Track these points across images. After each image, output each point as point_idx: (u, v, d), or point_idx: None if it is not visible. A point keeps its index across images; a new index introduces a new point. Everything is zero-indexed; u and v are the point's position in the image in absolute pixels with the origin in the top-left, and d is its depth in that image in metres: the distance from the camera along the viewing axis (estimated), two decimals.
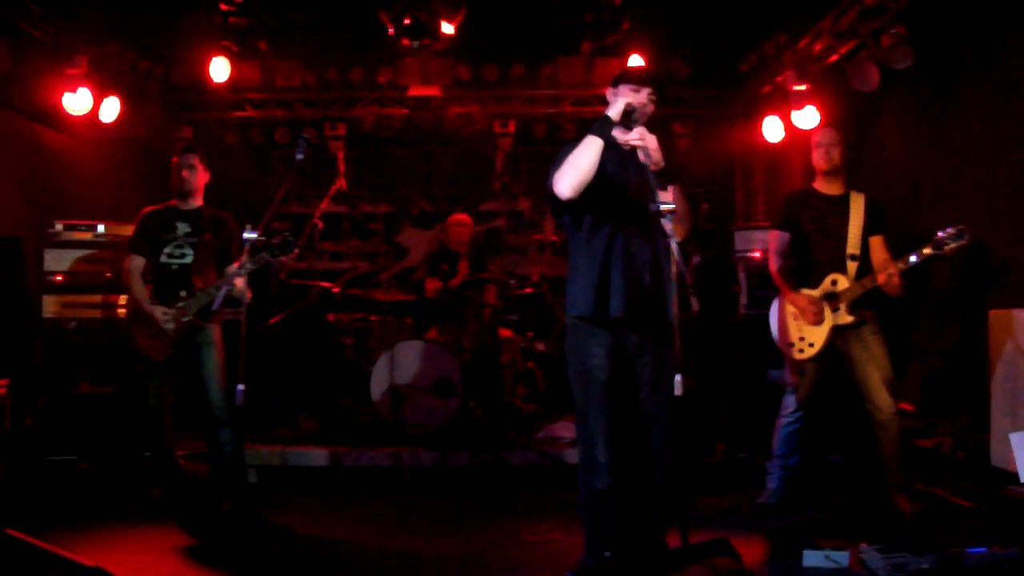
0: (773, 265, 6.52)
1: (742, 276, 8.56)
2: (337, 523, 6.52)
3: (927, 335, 7.65)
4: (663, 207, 4.49)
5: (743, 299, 8.50)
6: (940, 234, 5.75)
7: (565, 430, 8.11)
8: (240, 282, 6.07)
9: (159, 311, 6.42)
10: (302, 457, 7.83)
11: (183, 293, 6.49)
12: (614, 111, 4.87)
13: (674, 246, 4.52)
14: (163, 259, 6.61)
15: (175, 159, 6.81)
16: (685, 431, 6.01)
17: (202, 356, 6.55)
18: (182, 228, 6.66)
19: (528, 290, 9.30)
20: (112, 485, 7.27)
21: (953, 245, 5.72)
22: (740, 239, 8.78)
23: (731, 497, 6.88)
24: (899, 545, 5.07)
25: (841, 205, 6.33)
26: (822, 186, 6.45)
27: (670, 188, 4.73)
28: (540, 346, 9.34)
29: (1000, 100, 6.81)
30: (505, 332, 9.04)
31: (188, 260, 6.60)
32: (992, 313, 6.44)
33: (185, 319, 6.44)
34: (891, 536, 5.57)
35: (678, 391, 4.50)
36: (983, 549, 5.04)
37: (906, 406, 7.37)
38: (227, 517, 6.29)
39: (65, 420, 7.64)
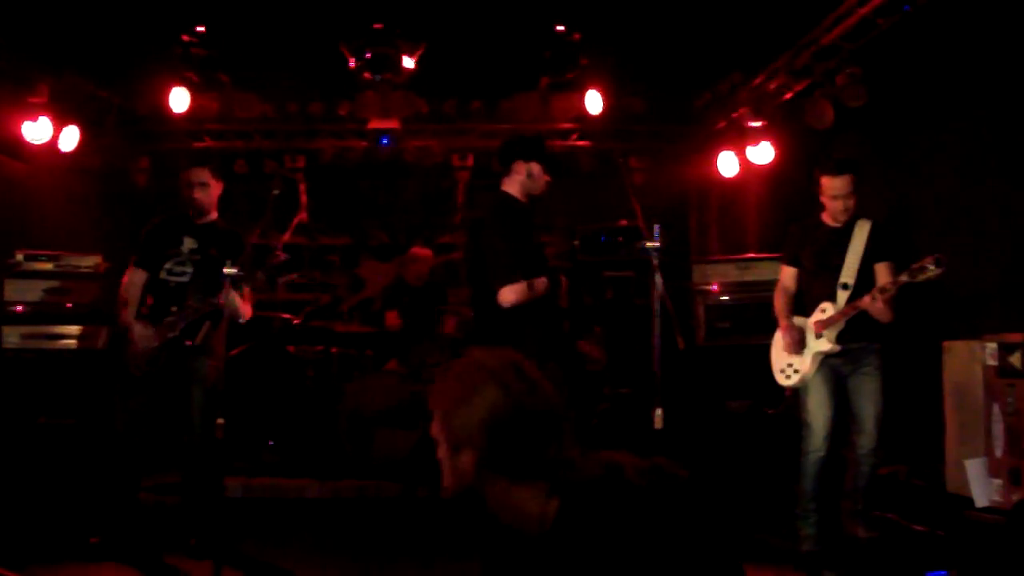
0: (775, 296, 6.55)
1: (700, 309, 8.66)
2: (303, 556, 6.51)
3: (883, 364, 7.77)
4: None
5: (701, 332, 8.61)
6: (914, 264, 5.68)
7: None
8: (236, 300, 6.07)
9: (137, 325, 6.22)
10: (265, 490, 7.83)
11: (173, 308, 6.23)
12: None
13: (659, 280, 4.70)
14: (163, 275, 6.37)
15: (184, 175, 6.56)
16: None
17: (192, 392, 6.26)
18: (188, 243, 6.39)
19: None
20: (72, 519, 7.06)
21: (929, 274, 5.64)
22: (698, 272, 8.89)
23: None
24: (861, 573, 5.16)
25: (842, 236, 6.24)
26: (827, 218, 6.34)
27: None
28: None
29: (953, 139, 6.99)
30: None
31: (186, 279, 6.33)
32: (945, 344, 6.58)
33: (171, 334, 6.15)
34: (852, 564, 5.68)
35: (658, 424, 4.61)
36: (942, 573, 5.16)
37: None
38: (193, 551, 6.09)
39: (24, 452, 7.56)
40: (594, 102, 9.45)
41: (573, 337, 9.13)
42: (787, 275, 6.52)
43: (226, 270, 5.55)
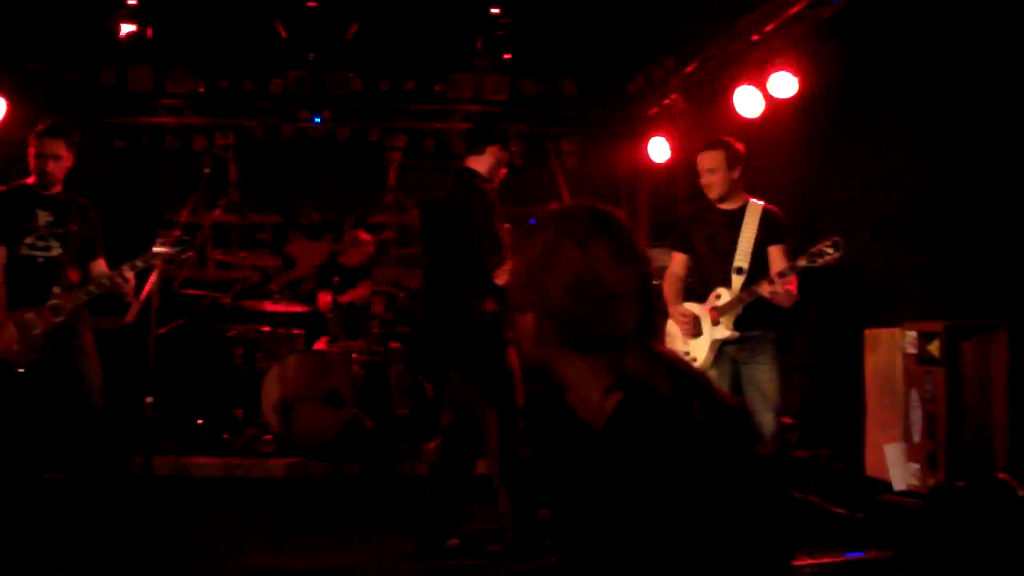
0: (664, 283, 6.47)
1: None
2: (230, 535, 6.51)
3: (807, 351, 7.93)
4: None
5: None
6: (813, 248, 5.74)
7: None
8: (131, 279, 5.83)
9: (26, 315, 5.74)
10: (195, 468, 7.82)
11: (57, 290, 5.84)
12: None
13: None
14: (24, 251, 5.89)
15: (33, 141, 6.01)
16: None
17: (78, 367, 5.94)
18: (43, 217, 5.95)
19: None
20: None
21: (826, 258, 5.70)
22: None
23: None
24: None
25: (735, 219, 6.19)
26: (720, 201, 6.29)
27: None
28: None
29: (881, 131, 7.14)
30: (394, 344, 9.10)
31: (56, 252, 5.93)
32: (867, 332, 6.73)
33: (58, 318, 5.79)
34: None
35: None
36: (860, 553, 5.29)
37: (785, 419, 7.63)
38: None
39: None
40: (526, 85, 9.51)
41: None
42: (676, 261, 6.49)
43: (155, 248, 5.38)
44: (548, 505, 5.42)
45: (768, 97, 7.73)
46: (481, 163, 5.99)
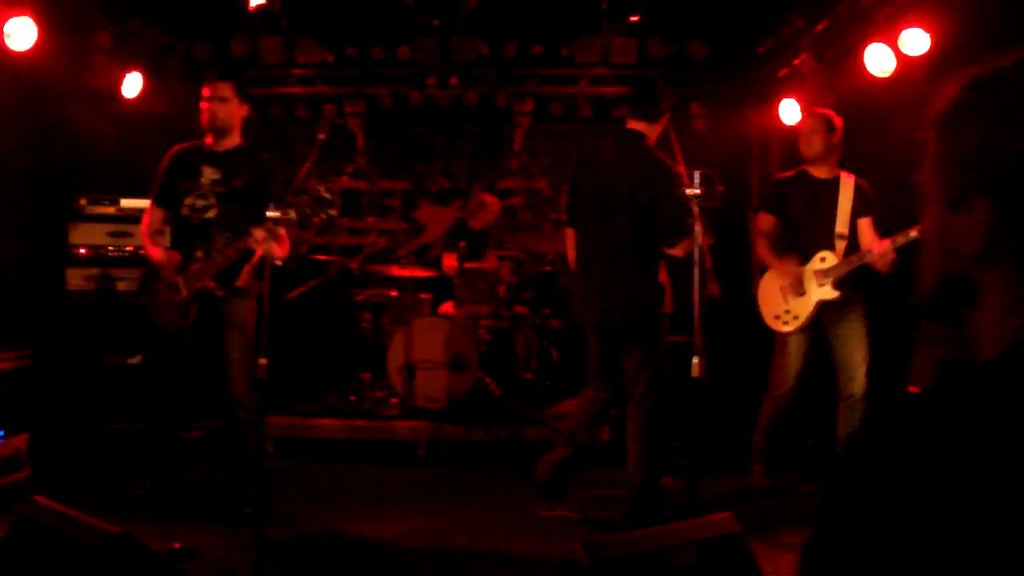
0: (757, 243, 6.77)
1: (757, 258, 8.63)
2: (355, 497, 6.64)
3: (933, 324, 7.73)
4: None
5: (758, 280, 8.57)
6: None
7: None
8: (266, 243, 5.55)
9: (171, 277, 5.80)
10: (320, 430, 7.98)
11: (200, 254, 5.82)
12: None
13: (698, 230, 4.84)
14: (184, 212, 5.93)
15: (205, 89, 6.04)
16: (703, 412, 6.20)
17: (227, 337, 5.92)
18: (209, 174, 5.93)
19: (544, 268, 9.43)
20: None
21: None
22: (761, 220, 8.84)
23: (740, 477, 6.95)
24: None
25: (831, 187, 6.50)
26: (812, 170, 6.63)
27: None
28: (555, 323, 9.41)
29: None
30: (520, 309, 9.13)
31: (211, 214, 5.89)
32: None
33: (199, 284, 5.78)
34: None
35: (695, 373, 4.69)
36: None
37: (915, 390, 7.46)
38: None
39: (91, 391, 7.77)
40: (655, 47, 9.42)
41: None
42: (768, 222, 6.73)
43: (269, 213, 5.12)
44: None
45: (900, 55, 7.52)
46: (652, 130, 5.99)
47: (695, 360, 4.76)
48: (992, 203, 1.37)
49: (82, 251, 8.22)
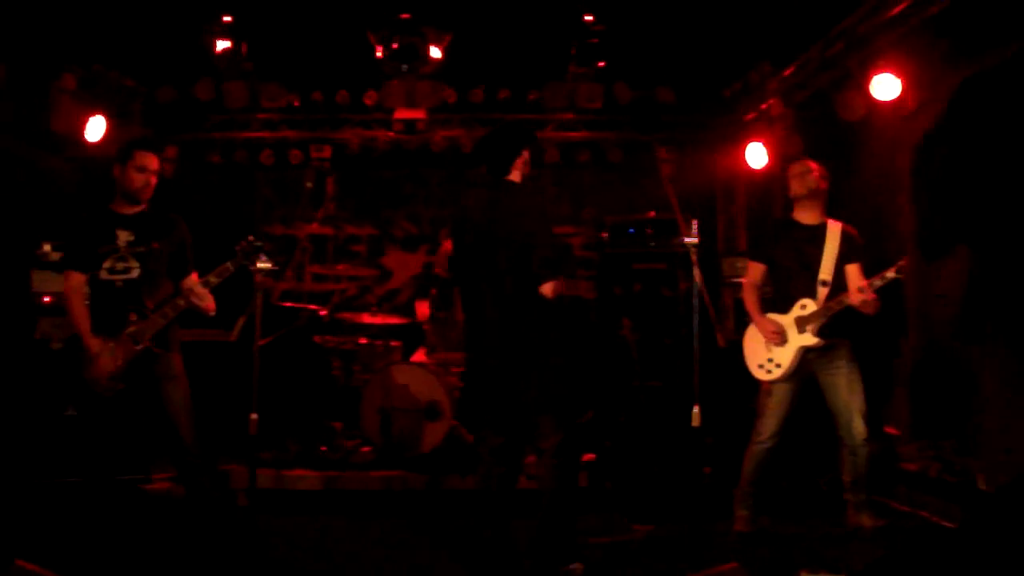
0: (744, 293, 6.70)
1: (730, 302, 8.65)
2: (330, 549, 6.51)
3: (913, 360, 7.75)
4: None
5: (730, 324, 8.59)
6: (902, 260, 6.04)
7: None
8: (206, 296, 5.74)
9: (103, 345, 5.64)
10: (294, 481, 7.84)
11: (133, 316, 5.70)
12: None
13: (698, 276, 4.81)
14: (104, 275, 5.75)
15: (147, 160, 5.90)
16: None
17: (165, 393, 5.78)
18: (123, 236, 5.79)
19: None
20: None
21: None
22: (727, 265, 8.89)
23: (721, 523, 6.88)
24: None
25: (817, 234, 6.48)
26: (800, 216, 6.60)
27: None
28: None
29: None
30: None
31: (135, 275, 5.75)
32: None
33: (138, 346, 5.66)
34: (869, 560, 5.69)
35: (696, 422, 4.65)
36: None
37: (891, 430, 7.49)
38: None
39: (53, 442, 7.56)
40: (622, 92, 9.44)
41: (602, 328, 9.13)
42: (757, 271, 6.69)
43: (228, 264, 5.26)
44: None
45: (871, 100, 7.58)
46: (516, 171, 5.85)
47: (695, 409, 4.73)
48: None
49: (46, 299, 8.02)
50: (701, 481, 7.63)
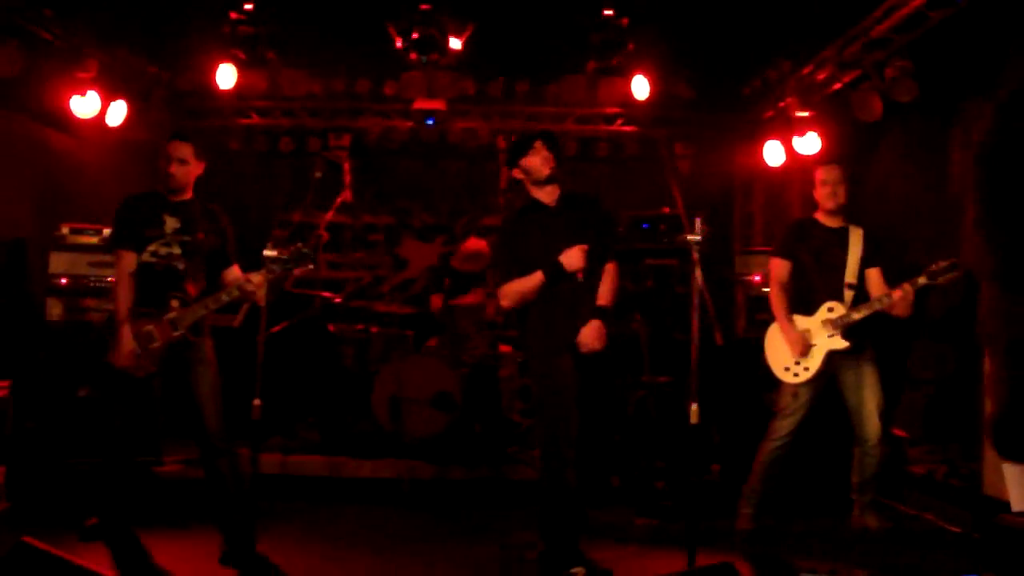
0: (772, 292, 6.62)
1: (741, 299, 8.64)
2: (336, 536, 6.55)
3: (922, 364, 7.74)
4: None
5: (742, 322, 8.58)
6: (933, 266, 5.91)
7: None
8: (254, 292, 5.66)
9: (135, 331, 5.60)
10: (302, 467, 7.89)
11: (175, 303, 5.70)
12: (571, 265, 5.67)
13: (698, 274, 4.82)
14: (147, 258, 5.76)
15: (167, 147, 5.91)
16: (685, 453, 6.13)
17: (195, 377, 5.77)
18: (170, 223, 5.81)
19: None
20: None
21: (946, 277, 5.88)
22: (740, 262, 8.87)
23: (726, 520, 6.89)
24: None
25: (841, 237, 6.45)
26: (823, 218, 6.56)
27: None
28: None
29: None
30: (504, 347, 9.09)
31: (178, 262, 5.79)
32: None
33: (176, 332, 5.66)
34: (874, 562, 5.71)
35: (694, 419, 4.67)
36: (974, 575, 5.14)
37: (899, 432, 7.47)
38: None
39: (67, 423, 7.63)
40: (641, 87, 9.46)
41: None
42: (783, 268, 6.62)
43: (266, 252, 5.25)
44: None
45: (887, 101, 7.58)
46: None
47: (693, 407, 4.75)
48: None
49: (63, 280, 8.11)
50: (707, 478, 7.68)
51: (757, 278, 8.59)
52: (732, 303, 8.85)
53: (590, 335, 5.67)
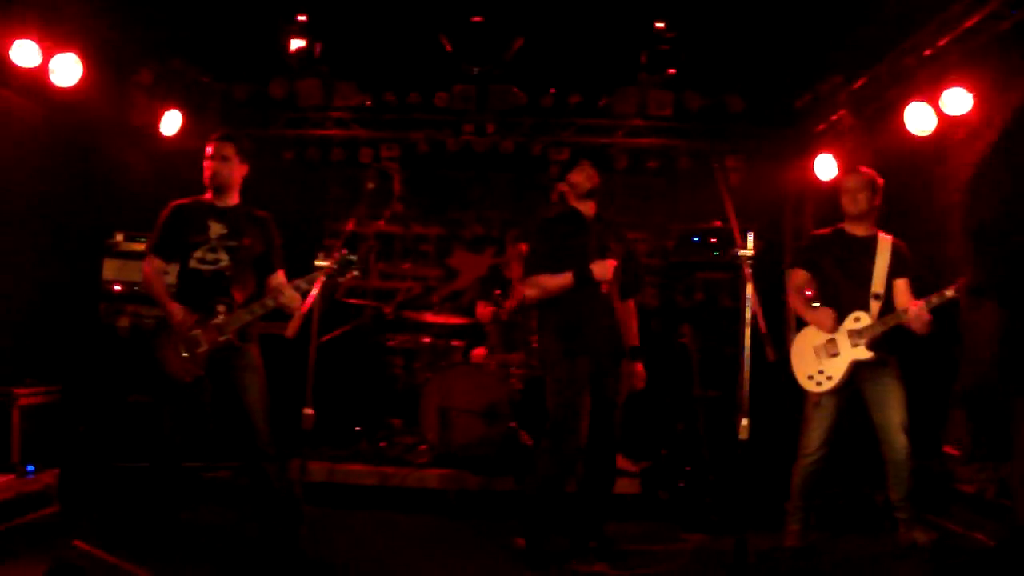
0: (789, 297, 6.72)
1: (791, 314, 8.59)
2: (382, 544, 6.57)
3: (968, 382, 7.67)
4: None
5: (792, 337, 8.54)
6: (950, 286, 5.89)
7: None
8: (295, 299, 5.71)
9: (192, 331, 5.74)
10: (349, 475, 7.94)
11: (221, 308, 5.80)
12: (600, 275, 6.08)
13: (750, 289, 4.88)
14: (193, 264, 5.88)
15: (208, 146, 6.05)
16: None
17: (242, 382, 5.86)
18: (217, 229, 5.93)
19: None
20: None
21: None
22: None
23: (775, 536, 6.84)
24: None
25: (868, 247, 6.43)
26: (850, 227, 6.56)
27: None
28: None
29: None
30: None
31: (224, 267, 5.89)
32: None
33: (222, 337, 5.77)
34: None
35: (743, 435, 4.69)
36: None
37: (951, 450, 7.40)
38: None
39: (118, 427, 7.72)
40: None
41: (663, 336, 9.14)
42: (802, 277, 6.68)
43: (318, 263, 5.38)
44: None
45: (941, 114, 7.51)
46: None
47: (743, 422, 4.75)
48: None
49: (116, 287, 8.22)
50: (754, 493, 7.62)
51: (809, 293, 8.53)
52: (782, 318, 8.80)
53: (637, 378, 6.32)
